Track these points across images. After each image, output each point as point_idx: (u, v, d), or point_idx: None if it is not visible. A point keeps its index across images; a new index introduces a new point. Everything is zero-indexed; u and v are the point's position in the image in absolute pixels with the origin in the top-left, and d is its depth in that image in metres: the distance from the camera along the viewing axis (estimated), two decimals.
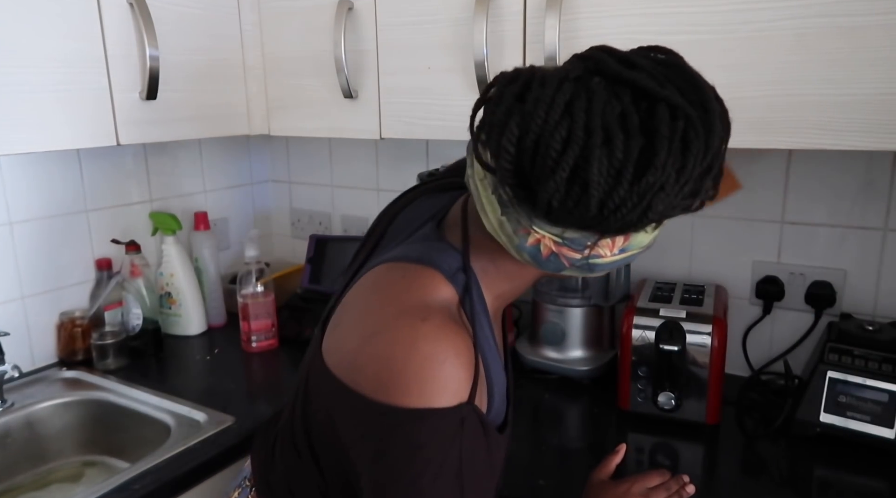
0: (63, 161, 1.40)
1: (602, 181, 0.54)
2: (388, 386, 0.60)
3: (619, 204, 0.55)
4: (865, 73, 0.81)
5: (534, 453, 1.06)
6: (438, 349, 0.60)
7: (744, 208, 1.28)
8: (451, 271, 0.68)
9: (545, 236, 0.60)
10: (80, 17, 1.07)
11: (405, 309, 0.63)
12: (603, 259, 0.62)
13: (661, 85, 0.55)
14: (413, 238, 0.74)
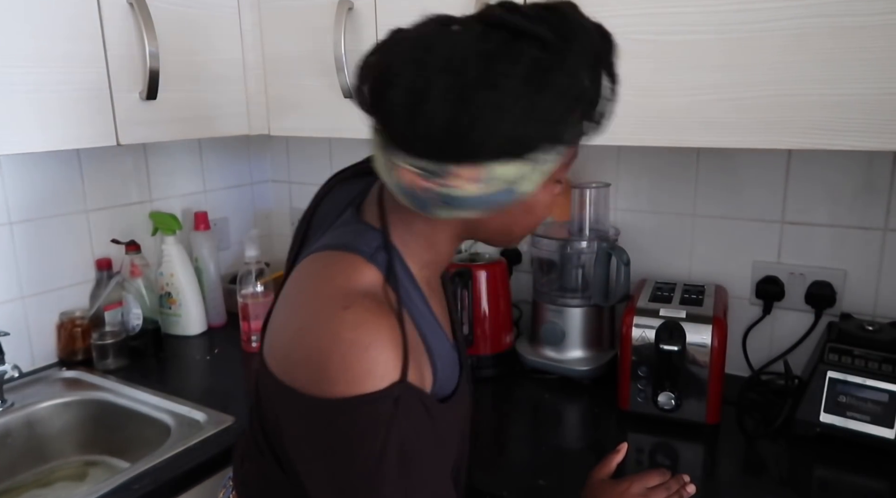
0: (63, 161, 1.40)
1: (443, 100, 0.56)
2: (318, 379, 0.60)
3: (467, 125, 0.56)
4: (865, 73, 0.81)
5: (534, 453, 1.06)
6: (360, 335, 0.60)
7: (744, 208, 1.28)
8: (371, 251, 0.67)
9: (406, 169, 0.61)
10: (80, 17, 1.07)
11: (327, 299, 0.63)
12: (461, 191, 0.60)
13: (524, 17, 0.58)
14: (335, 225, 0.74)
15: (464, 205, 0.62)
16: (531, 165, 0.60)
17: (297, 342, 0.63)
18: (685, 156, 1.31)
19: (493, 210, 0.64)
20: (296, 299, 0.67)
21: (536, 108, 0.56)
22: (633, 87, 0.95)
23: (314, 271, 0.68)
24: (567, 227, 1.37)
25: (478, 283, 1.31)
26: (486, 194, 0.61)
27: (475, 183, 0.60)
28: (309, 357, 0.61)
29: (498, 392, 1.29)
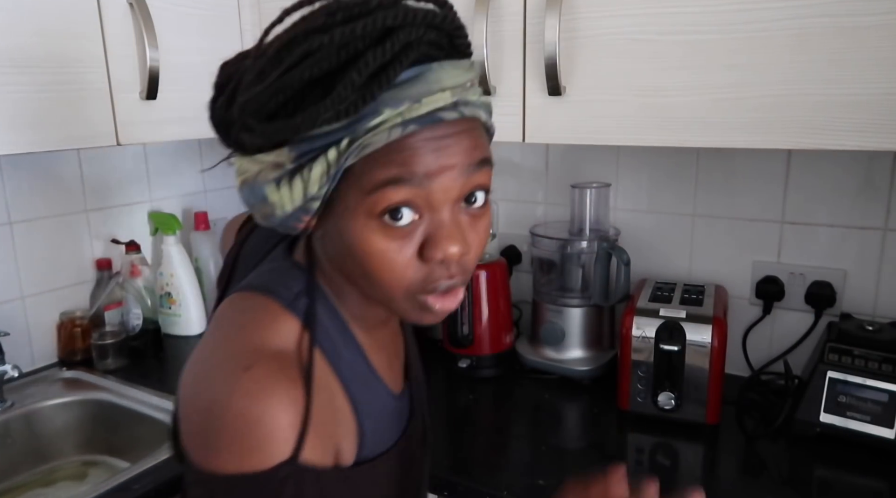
0: (63, 161, 1.40)
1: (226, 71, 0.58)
2: (205, 447, 0.53)
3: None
4: (866, 73, 0.81)
5: (534, 453, 1.06)
6: (254, 406, 0.52)
7: (744, 208, 1.28)
8: (292, 296, 0.60)
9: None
10: (80, 17, 1.07)
11: (232, 354, 0.56)
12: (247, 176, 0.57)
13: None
14: (264, 261, 0.67)
15: (242, 200, 0.59)
16: (259, 166, 0.55)
17: (194, 398, 0.55)
18: (685, 156, 1.31)
19: (263, 214, 0.57)
20: (206, 345, 0.59)
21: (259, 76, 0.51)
22: (633, 86, 0.95)
23: (230, 316, 0.61)
24: (567, 228, 1.37)
25: (478, 283, 1.31)
26: (239, 189, 0.59)
27: (239, 171, 0.58)
28: (199, 419, 0.54)
29: (498, 392, 1.29)
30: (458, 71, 0.53)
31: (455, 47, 0.53)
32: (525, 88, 1.04)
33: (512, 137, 1.06)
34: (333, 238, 0.56)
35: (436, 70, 0.51)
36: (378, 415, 0.65)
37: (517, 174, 1.51)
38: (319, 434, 0.56)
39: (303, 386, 0.55)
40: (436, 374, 1.37)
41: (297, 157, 0.52)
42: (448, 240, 0.54)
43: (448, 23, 0.52)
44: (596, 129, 0.99)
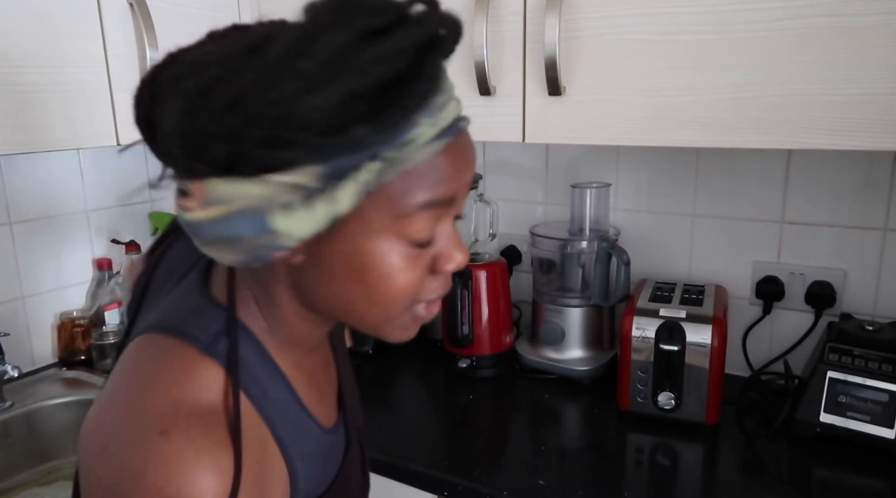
0: (63, 161, 1.40)
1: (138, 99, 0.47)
2: None
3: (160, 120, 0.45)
4: (866, 73, 0.81)
5: (534, 453, 1.06)
6: (172, 480, 0.46)
7: (744, 208, 1.28)
8: (209, 339, 0.53)
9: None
10: (80, 17, 1.07)
11: (144, 415, 0.48)
12: (192, 214, 0.46)
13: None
14: (174, 293, 0.59)
15: (203, 236, 0.48)
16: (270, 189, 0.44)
17: (100, 461, 0.48)
18: (685, 156, 1.31)
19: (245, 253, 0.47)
20: (111, 401, 0.51)
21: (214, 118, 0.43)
22: (634, 87, 0.95)
23: (136, 366, 0.53)
24: (567, 227, 1.37)
25: (478, 283, 1.31)
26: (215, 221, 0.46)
27: (203, 205, 0.46)
28: (106, 489, 0.47)
29: (498, 392, 1.29)
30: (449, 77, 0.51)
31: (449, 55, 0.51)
32: (525, 88, 1.04)
33: (512, 137, 1.06)
34: (331, 263, 0.49)
35: (444, 78, 0.49)
36: (311, 457, 0.60)
37: (517, 174, 1.51)
38: (249, 496, 0.50)
39: (230, 448, 0.48)
40: (436, 374, 1.37)
41: (328, 175, 0.44)
42: (457, 250, 0.52)
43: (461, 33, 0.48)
44: (596, 129, 0.99)
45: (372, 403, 1.23)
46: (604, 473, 1.01)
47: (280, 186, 0.44)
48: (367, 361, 1.42)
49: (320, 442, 0.61)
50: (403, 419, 1.18)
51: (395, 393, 1.29)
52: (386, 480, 1.05)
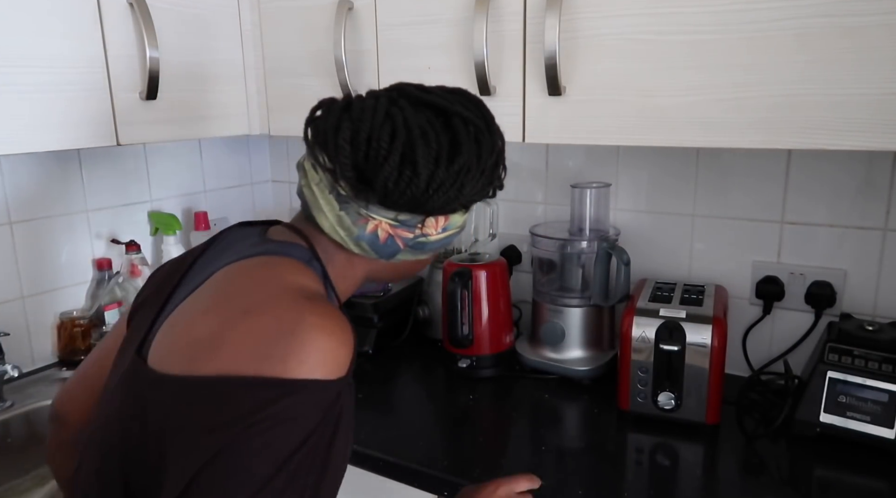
0: (63, 161, 1.40)
1: (426, 163, 0.67)
2: (265, 357, 0.57)
3: (440, 183, 0.68)
4: (866, 73, 0.81)
5: (534, 453, 1.06)
6: (326, 321, 0.60)
7: (744, 208, 1.28)
8: (307, 259, 0.70)
9: (382, 221, 0.71)
10: (80, 17, 1.07)
11: (285, 288, 0.63)
12: (430, 237, 0.74)
13: (451, 103, 0.70)
14: (238, 248, 0.72)
15: (427, 248, 0.75)
16: (468, 215, 0.78)
17: (243, 324, 0.60)
18: (685, 156, 1.31)
19: (438, 251, 0.78)
20: (229, 292, 0.64)
21: (485, 170, 0.72)
22: (633, 87, 0.95)
23: (251, 268, 0.67)
24: (567, 227, 1.37)
25: (478, 283, 1.31)
26: (444, 238, 0.75)
27: (440, 230, 0.74)
28: (258, 336, 0.59)
29: (498, 392, 1.29)
30: None
31: None
32: (525, 88, 1.04)
33: (512, 137, 1.06)
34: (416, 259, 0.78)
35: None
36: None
37: (517, 174, 1.51)
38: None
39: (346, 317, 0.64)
40: (436, 374, 1.37)
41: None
42: None
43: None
44: (596, 129, 0.99)
45: (372, 403, 1.23)
46: (604, 473, 1.01)
47: (468, 215, 0.78)
48: (367, 361, 1.42)
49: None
50: (403, 419, 1.18)
51: (395, 393, 1.29)
52: (386, 479, 1.05)
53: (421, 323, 1.53)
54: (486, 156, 0.71)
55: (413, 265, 0.80)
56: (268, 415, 0.56)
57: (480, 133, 0.71)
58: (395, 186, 0.67)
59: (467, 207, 0.75)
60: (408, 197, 0.68)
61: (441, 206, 0.71)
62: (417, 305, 1.53)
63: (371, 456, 1.06)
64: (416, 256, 0.76)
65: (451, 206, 0.72)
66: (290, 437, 0.56)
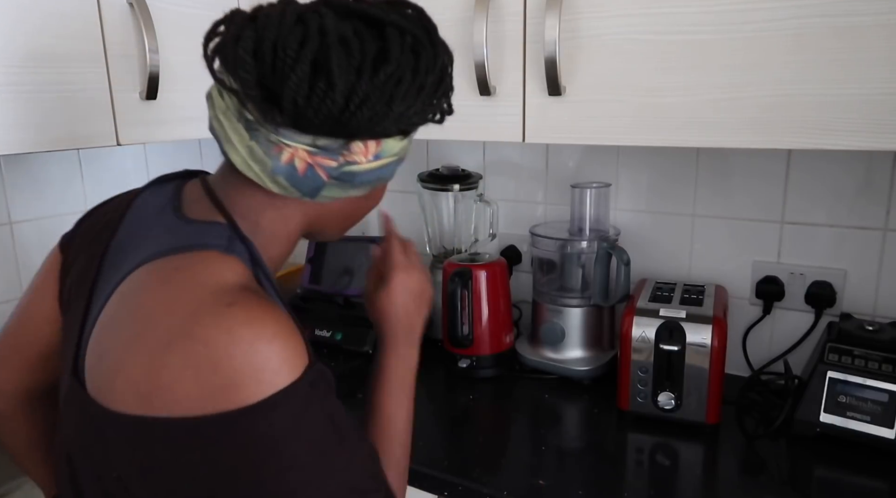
0: (63, 161, 1.40)
1: (343, 73, 0.56)
2: (216, 393, 0.52)
3: (363, 98, 0.58)
4: (865, 73, 0.81)
5: (534, 453, 1.06)
6: (261, 328, 0.54)
7: (744, 208, 1.28)
8: (226, 243, 0.61)
9: (298, 149, 0.60)
10: (80, 17, 1.07)
11: (201, 301, 0.55)
12: (359, 166, 0.63)
13: (387, 13, 0.60)
14: (154, 232, 0.65)
15: (358, 181, 0.64)
16: (407, 142, 0.67)
17: (171, 359, 0.53)
18: (685, 156, 1.31)
19: (375, 186, 0.67)
20: (144, 315, 0.56)
21: (422, 88, 0.62)
22: (633, 87, 0.95)
23: (165, 277, 0.58)
24: (567, 227, 1.37)
25: (478, 283, 1.31)
26: (379, 169, 0.65)
27: (372, 158, 0.63)
28: (195, 371, 0.52)
29: (498, 392, 1.29)
30: None
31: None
32: (525, 88, 1.04)
33: (512, 137, 1.06)
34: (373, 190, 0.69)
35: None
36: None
37: (517, 174, 1.51)
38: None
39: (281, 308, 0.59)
40: (436, 374, 1.37)
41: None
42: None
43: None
44: (596, 129, 0.99)
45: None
46: (604, 473, 1.01)
47: (406, 141, 0.66)
48: (366, 361, 1.42)
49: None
50: None
51: None
52: None
53: None
54: (425, 70, 0.61)
55: (352, 208, 0.70)
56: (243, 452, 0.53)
57: (420, 44, 0.61)
58: (306, 102, 0.57)
59: (405, 132, 0.65)
60: (323, 115, 0.58)
61: (367, 127, 0.60)
62: None
63: None
64: (346, 191, 0.65)
65: (381, 126, 0.61)
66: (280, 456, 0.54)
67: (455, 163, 1.53)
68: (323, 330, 1.47)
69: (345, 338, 1.45)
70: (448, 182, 1.43)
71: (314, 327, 1.48)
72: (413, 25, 0.61)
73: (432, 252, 1.56)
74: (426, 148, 1.62)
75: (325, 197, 0.64)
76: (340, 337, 1.45)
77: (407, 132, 0.65)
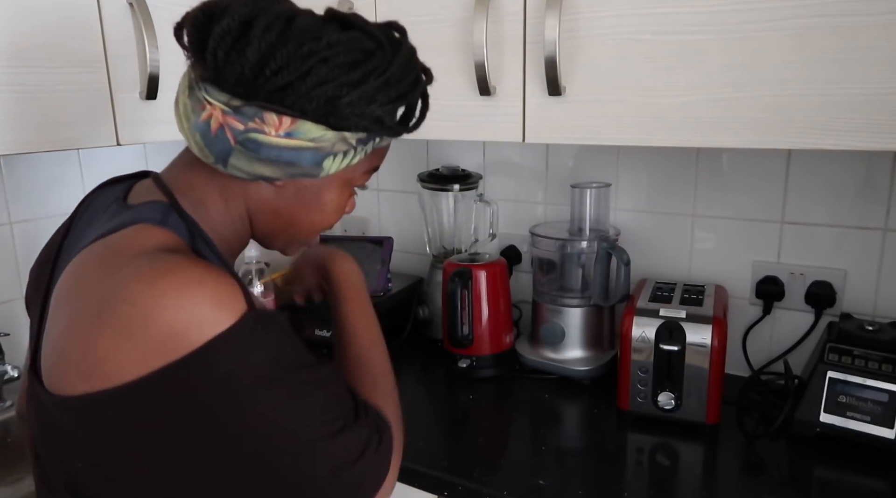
0: (63, 161, 1.40)
1: (265, 34, 0.58)
2: (154, 350, 0.51)
3: (281, 65, 0.58)
4: (865, 73, 0.81)
5: (534, 453, 1.06)
6: (188, 273, 0.53)
7: (744, 208, 1.28)
8: (160, 217, 0.61)
9: (216, 107, 0.60)
10: (80, 17, 1.07)
11: (123, 267, 0.54)
12: (266, 136, 0.60)
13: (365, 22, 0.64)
14: (97, 224, 0.65)
15: (263, 154, 0.61)
16: (339, 140, 0.63)
17: (102, 327, 0.52)
18: (685, 156, 1.31)
19: (289, 174, 0.63)
20: (78, 295, 0.56)
21: (360, 84, 0.61)
22: (633, 87, 0.95)
23: (95, 255, 0.58)
24: (567, 227, 1.37)
25: (478, 283, 1.31)
26: (287, 149, 0.61)
27: (282, 134, 0.61)
28: (127, 330, 0.51)
29: (498, 392, 1.29)
30: None
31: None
32: (525, 88, 1.04)
33: (512, 137, 1.06)
34: (307, 193, 0.67)
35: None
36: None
37: (517, 174, 1.51)
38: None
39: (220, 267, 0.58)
40: (436, 374, 1.37)
41: (360, 141, 0.65)
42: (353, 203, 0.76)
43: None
44: (596, 129, 0.99)
45: None
46: (604, 473, 1.01)
47: (343, 140, 0.64)
48: None
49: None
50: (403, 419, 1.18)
51: None
52: None
53: (421, 323, 1.52)
54: (371, 70, 0.61)
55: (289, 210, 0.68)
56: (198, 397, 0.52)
57: (380, 48, 0.62)
58: (225, 57, 0.58)
59: (329, 122, 0.62)
60: (237, 73, 0.58)
61: (279, 97, 0.59)
62: (417, 305, 1.52)
63: None
64: (252, 165, 0.62)
65: (296, 102, 0.60)
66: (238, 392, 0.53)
67: (455, 163, 1.53)
68: (323, 330, 1.47)
69: None
70: (448, 182, 1.43)
71: (314, 327, 1.48)
72: (384, 36, 0.63)
73: (432, 252, 1.56)
74: (426, 148, 1.62)
75: (235, 168, 0.62)
76: None
77: (334, 125, 0.62)
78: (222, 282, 0.54)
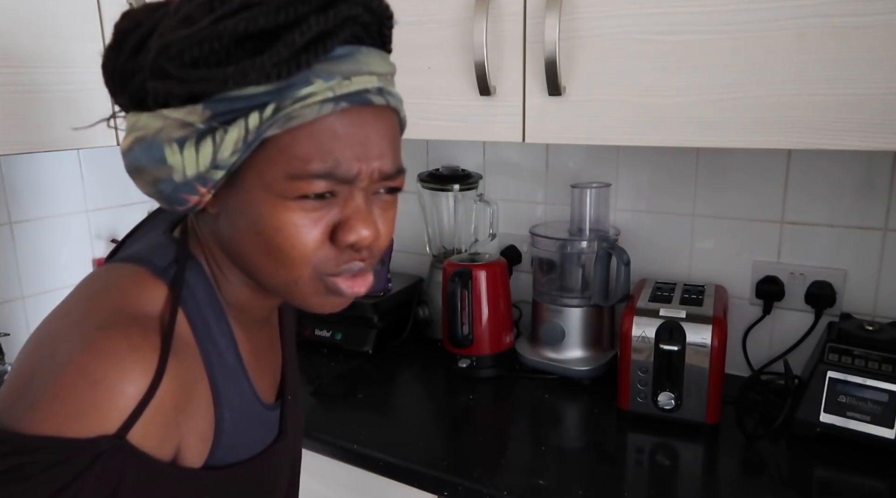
0: (63, 161, 1.40)
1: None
2: (18, 404, 0.47)
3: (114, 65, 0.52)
4: (865, 73, 0.81)
5: (534, 453, 1.06)
6: (96, 365, 0.47)
7: (744, 208, 1.28)
8: (164, 265, 0.56)
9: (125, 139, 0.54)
10: (80, 17, 1.07)
11: (87, 314, 0.51)
12: (122, 144, 0.54)
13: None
14: (143, 239, 0.62)
15: (125, 165, 0.54)
16: (166, 121, 0.50)
17: (32, 352, 0.50)
18: (685, 156, 1.31)
19: (151, 183, 0.53)
20: (61, 307, 0.54)
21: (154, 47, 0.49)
22: (633, 87, 0.95)
23: (91, 282, 0.56)
24: (567, 228, 1.37)
25: (478, 283, 1.31)
26: (134, 145, 0.52)
27: (126, 129, 0.53)
28: (30, 372, 0.48)
29: (498, 392, 1.29)
30: (383, 60, 0.54)
31: (382, 37, 0.54)
32: (525, 88, 1.04)
33: (512, 137, 1.06)
34: (235, 214, 0.53)
35: (365, 53, 0.51)
36: (241, 415, 0.60)
37: (517, 174, 1.51)
38: (164, 417, 0.50)
39: (159, 356, 0.50)
40: (436, 374, 1.37)
41: (212, 117, 0.48)
42: (362, 224, 0.53)
43: (382, 9, 0.52)
44: (596, 129, 0.99)
45: (372, 403, 1.23)
46: (604, 473, 1.01)
47: (171, 121, 0.49)
48: (366, 361, 1.42)
49: (254, 408, 0.62)
50: (403, 419, 1.18)
51: (395, 393, 1.29)
52: (386, 479, 1.05)
53: (421, 323, 1.52)
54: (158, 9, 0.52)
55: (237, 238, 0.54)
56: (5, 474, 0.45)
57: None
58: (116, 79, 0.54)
59: (133, 101, 0.52)
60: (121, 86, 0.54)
61: (115, 97, 0.54)
62: (417, 305, 1.52)
63: (371, 456, 1.06)
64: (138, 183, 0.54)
65: (117, 97, 0.54)
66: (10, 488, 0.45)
67: (455, 163, 1.53)
68: (323, 330, 1.47)
69: (345, 338, 1.45)
70: (448, 182, 1.43)
71: (314, 327, 1.48)
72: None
73: (432, 252, 1.56)
74: (426, 148, 1.62)
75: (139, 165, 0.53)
76: (340, 337, 1.46)
77: (136, 102, 0.52)
78: (115, 393, 0.47)
